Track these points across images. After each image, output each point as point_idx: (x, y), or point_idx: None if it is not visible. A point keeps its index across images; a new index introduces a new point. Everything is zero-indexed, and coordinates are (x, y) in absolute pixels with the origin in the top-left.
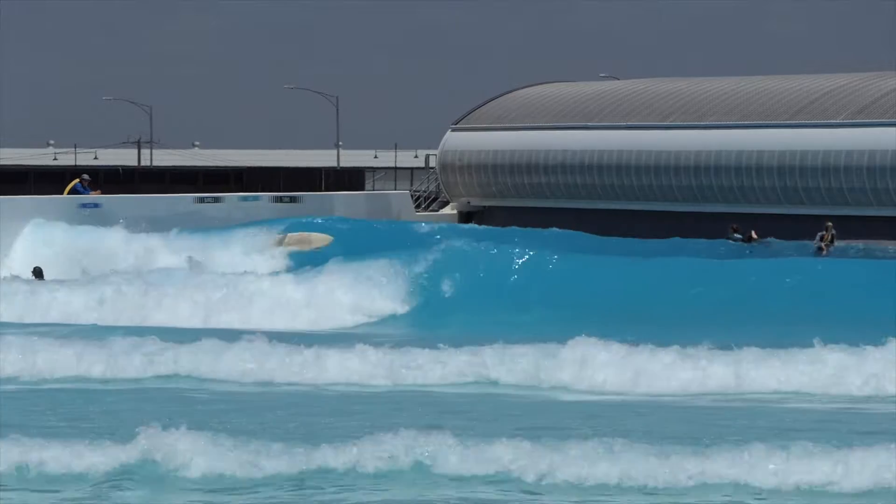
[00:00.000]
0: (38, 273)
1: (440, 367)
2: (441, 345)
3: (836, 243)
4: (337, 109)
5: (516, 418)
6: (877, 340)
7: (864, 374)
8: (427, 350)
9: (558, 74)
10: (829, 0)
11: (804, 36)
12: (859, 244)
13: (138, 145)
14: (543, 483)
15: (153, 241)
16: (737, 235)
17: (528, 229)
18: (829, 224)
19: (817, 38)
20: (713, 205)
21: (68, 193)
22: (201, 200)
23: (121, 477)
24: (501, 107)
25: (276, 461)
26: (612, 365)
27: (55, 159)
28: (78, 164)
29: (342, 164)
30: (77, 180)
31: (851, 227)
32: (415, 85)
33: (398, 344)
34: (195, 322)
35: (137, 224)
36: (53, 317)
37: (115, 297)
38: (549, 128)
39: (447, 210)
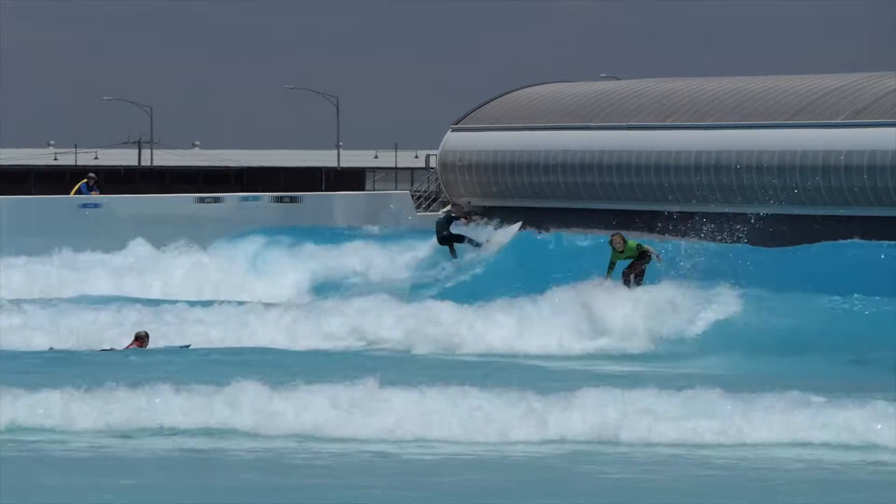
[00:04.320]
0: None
1: None
2: None
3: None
4: (337, 109)
5: None
6: None
7: None
8: None
9: (558, 74)
10: (831, 0)
11: (804, 36)
12: None
13: (138, 145)
14: None
15: None
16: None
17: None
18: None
19: (817, 39)
20: (713, 205)
21: (75, 194)
22: (201, 200)
23: None
24: (501, 107)
25: None
26: None
27: (55, 159)
28: (78, 164)
29: (342, 165)
30: (84, 180)
31: (851, 227)
32: (415, 85)
33: None
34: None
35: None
36: None
37: None
38: (549, 128)
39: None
